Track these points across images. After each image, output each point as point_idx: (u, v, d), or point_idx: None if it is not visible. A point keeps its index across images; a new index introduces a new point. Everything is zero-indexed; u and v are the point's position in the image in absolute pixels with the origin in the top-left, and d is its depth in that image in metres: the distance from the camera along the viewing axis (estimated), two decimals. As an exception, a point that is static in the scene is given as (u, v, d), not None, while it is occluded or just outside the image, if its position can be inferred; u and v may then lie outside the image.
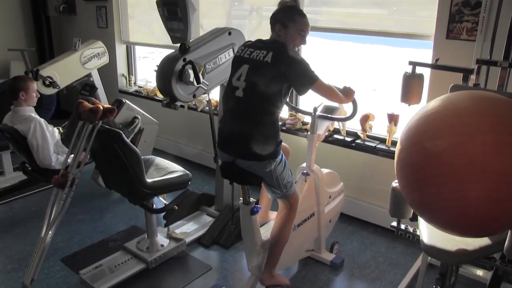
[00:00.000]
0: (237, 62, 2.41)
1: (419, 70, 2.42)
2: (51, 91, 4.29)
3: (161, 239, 3.10)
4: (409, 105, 2.50)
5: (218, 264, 3.05)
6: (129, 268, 2.88)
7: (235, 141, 2.37)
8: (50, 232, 2.46)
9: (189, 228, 3.36)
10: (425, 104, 2.00)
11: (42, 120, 3.44)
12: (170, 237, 3.15)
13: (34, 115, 3.46)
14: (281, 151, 2.40)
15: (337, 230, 3.34)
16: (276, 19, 2.38)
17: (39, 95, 3.60)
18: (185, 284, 2.82)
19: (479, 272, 2.73)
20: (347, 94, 2.61)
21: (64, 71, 4.39)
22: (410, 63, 2.42)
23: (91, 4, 5.38)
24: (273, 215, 2.92)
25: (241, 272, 2.96)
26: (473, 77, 2.38)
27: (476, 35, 2.82)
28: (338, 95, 2.55)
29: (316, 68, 2.37)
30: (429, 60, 2.77)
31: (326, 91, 2.47)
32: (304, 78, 2.33)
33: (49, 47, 5.88)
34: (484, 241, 1.91)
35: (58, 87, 4.30)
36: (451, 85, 2.22)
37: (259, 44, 2.40)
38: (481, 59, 2.44)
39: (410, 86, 2.45)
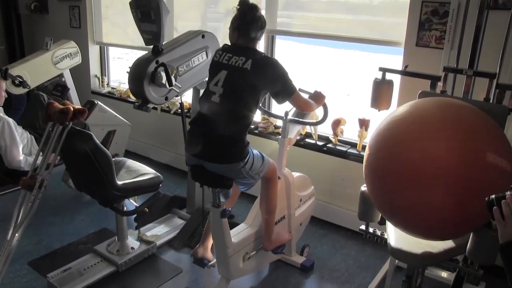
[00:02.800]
0: (215, 67, 2.39)
1: (389, 76, 2.47)
2: (20, 90, 4.17)
3: (132, 242, 3.07)
4: (379, 110, 2.55)
5: (189, 267, 3.03)
6: (99, 271, 2.84)
7: (204, 145, 2.34)
8: (16, 234, 2.40)
9: (160, 231, 3.34)
10: (394, 110, 2.05)
11: (10, 120, 3.37)
12: (140, 239, 3.13)
13: (3, 115, 3.38)
14: (249, 149, 2.38)
15: (308, 233, 3.37)
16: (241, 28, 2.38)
17: (7, 96, 3.52)
18: (156, 287, 2.80)
19: (444, 274, 2.79)
20: (317, 98, 2.65)
21: (35, 70, 4.29)
22: (380, 69, 2.48)
23: (64, 3, 5.29)
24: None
25: (211, 275, 2.94)
26: (440, 84, 2.44)
27: (444, 43, 2.89)
28: (311, 105, 2.60)
29: (292, 73, 2.39)
30: (400, 67, 2.82)
31: (301, 104, 2.53)
32: (284, 90, 2.38)
33: (20, 46, 5.73)
34: (448, 244, 1.96)
35: (28, 87, 4.20)
36: (420, 91, 2.28)
37: (236, 49, 2.37)
38: (448, 67, 2.52)
39: (380, 92, 2.50)
